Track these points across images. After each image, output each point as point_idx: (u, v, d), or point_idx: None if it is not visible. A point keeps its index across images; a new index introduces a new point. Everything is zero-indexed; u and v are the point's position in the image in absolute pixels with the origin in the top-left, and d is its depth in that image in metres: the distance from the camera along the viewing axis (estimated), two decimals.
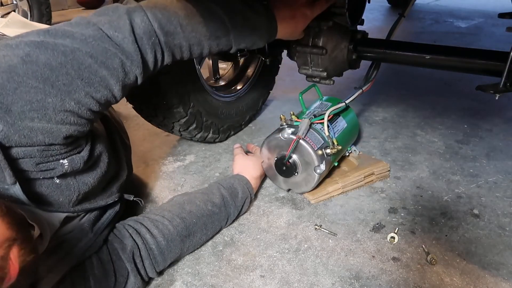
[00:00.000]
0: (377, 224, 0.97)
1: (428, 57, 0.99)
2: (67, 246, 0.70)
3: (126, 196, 0.86)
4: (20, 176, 0.59)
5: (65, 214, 0.70)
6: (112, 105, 1.59)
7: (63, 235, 0.71)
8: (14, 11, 2.90)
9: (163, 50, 0.68)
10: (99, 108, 0.63)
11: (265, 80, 1.53)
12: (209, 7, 0.73)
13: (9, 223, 0.48)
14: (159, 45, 0.67)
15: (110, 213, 0.82)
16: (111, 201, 0.80)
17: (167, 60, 0.71)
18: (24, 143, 0.56)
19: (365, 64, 1.20)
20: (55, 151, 0.61)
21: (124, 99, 1.18)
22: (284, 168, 1.01)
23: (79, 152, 0.66)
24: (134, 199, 0.89)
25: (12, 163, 0.57)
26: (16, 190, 0.57)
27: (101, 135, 0.75)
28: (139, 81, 0.68)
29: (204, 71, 1.36)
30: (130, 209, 1.06)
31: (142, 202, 0.94)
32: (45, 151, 0.59)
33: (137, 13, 0.64)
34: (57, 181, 0.64)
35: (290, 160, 1.00)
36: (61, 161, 0.62)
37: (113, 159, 0.79)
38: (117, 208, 0.84)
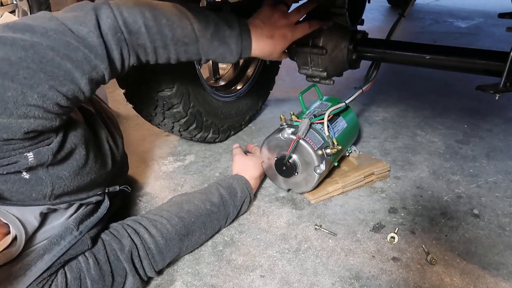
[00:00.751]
0: (377, 224, 0.97)
1: (428, 57, 0.99)
2: (47, 244, 0.69)
3: (111, 188, 0.84)
4: None
5: (40, 208, 0.68)
6: (106, 101, 1.60)
7: (45, 232, 0.71)
8: (14, 11, 2.91)
9: (128, 48, 0.67)
10: (67, 103, 0.61)
11: (265, 80, 1.53)
12: (181, 12, 0.72)
13: None
14: (125, 42, 0.66)
15: (101, 212, 0.80)
16: (93, 195, 0.77)
17: (132, 60, 0.69)
18: None
19: (365, 64, 1.20)
20: (16, 145, 0.58)
21: (124, 99, 1.18)
22: (284, 168, 1.01)
23: (48, 144, 0.63)
24: (121, 188, 0.87)
25: None
26: None
27: (78, 127, 0.71)
28: (107, 78, 0.66)
29: (204, 71, 1.36)
30: (129, 209, 1.07)
31: (129, 188, 0.92)
32: (5, 145, 0.57)
33: (103, 9, 0.63)
34: (26, 176, 0.62)
35: (290, 160, 1.00)
36: (25, 154, 0.60)
37: (95, 153, 0.76)
38: (106, 204, 0.81)
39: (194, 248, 0.91)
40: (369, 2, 1.20)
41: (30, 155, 0.60)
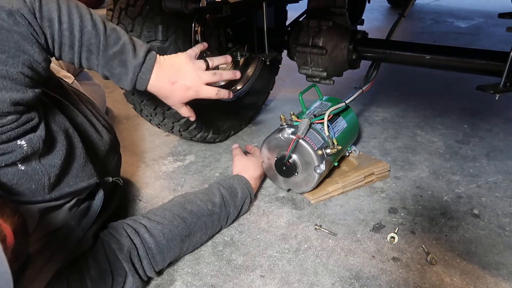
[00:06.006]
0: (377, 224, 0.97)
1: (428, 57, 0.99)
2: (55, 245, 0.70)
3: (105, 179, 0.85)
4: None
5: (44, 206, 0.69)
6: (103, 101, 1.57)
7: (49, 233, 0.71)
8: None
9: (42, 29, 0.67)
10: (31, 73, 0.62)
11: (265, 80, 1.53)
12: (95, 21, 0.73)
13: None
14: (38, 25, 0.66)
15: (96, 204, 0.81)
16: (93, 183, 0.78)
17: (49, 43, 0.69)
18: None
19: (365, 64, 1.20)
20: (6, 127, 0.59)
21: (124, 99, 1.19)
22: (284, 168, 1.01)
23: (34, 131, 0.64)
24: (113, 179, 0.88)
25: None
26: None
27: (56, 116, 0.72)
28: (46, 49, 0.68)
29: None
30: (129, 209, 1.07)
31: (121, 181, 0.93)
32: None
33: None
34: (22, 168, 0.64)
35: (290, 160, 1.00)
36: (18, 142, 0.61)
37: (76, 139, 0.76)
38: (100, 194, 0.82)
39: (194, 248, 0.91)
40: (369, 2, 1.20)
41: (24, 143, 0.62)
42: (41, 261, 0.67)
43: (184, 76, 0.84)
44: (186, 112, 0.91)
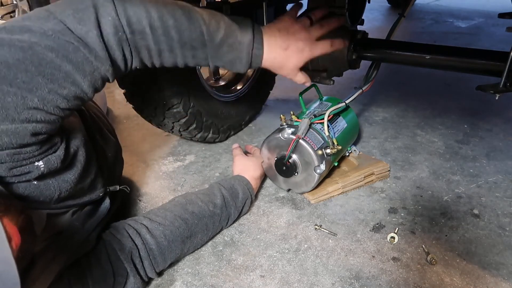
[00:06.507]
0: (377, 224, 0.97)
1: (428, 57, 0.99)
2: (58, 246, 0.70)
3: (111, 188, 0.85)
4: None
5: (48, 211, 0.69)
6: (104, 101, 1.57)
7: (54, 235, 0.71)
8: (14, 11, 2.91)
9: (131, 49, 0.62)
10: (69, 105, 0.59)
11: (265, 80, 1.53)
12: (190, 13, 0.66)
13: None
14: (127, 42, 0.61)
15: (102, 210, 0.82)
16: (96, 197, 0.78)
17: (135, 62, 0.65)
18: None
19: (365, 64, 1.20)
20: (27, 154, 0.57)
21: (124, 99, 1.18)
22: (284, 168, 1.01)
23: (54, 152, 0.62)
24: (121, 187, 0.88)
25: None
26: None
27: (78, 130, 0.70)
28: (110, 78, 0.63)
29: (205, 71, 1.36)
30: (129, 209, 1.07)
31: (128, 189, 0.93)
32: (16, 154, 0.56)
33: (105, 6, 0.59)
34: (35, 183, 0.62)
35: (290, 160, 1.00)
36: (36, 163, 0.59)
37: (91, 152, 0.76)
38: (107, 203, 0.83)
39: (195, 249, 0.91)
40: (369, 2, 1.20)
41: (41, 164, 0.60)
42: (43, 262, 0.67)
43: (294, 38, 0.76)
44: (302, 78, 0.83)
